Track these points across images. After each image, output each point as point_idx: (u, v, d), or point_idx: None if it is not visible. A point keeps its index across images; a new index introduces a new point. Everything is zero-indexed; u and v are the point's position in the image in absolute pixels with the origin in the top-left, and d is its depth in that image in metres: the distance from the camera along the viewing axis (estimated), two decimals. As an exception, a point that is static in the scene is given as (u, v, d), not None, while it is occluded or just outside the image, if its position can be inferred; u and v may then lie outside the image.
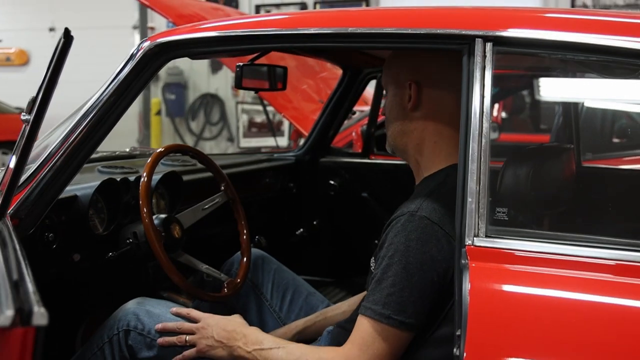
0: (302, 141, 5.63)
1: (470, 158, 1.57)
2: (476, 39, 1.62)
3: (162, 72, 11.10)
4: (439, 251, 1.69)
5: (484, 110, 1.59)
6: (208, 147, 11.76)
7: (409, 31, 1.69)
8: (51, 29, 13.04)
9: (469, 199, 1.55)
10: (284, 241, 3.43)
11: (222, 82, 12.02)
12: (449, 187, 1.76)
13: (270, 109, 11.30)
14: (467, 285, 1.46)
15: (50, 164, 1.88)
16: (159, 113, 12.23)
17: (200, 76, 12.26)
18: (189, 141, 11.84)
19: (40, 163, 1.88)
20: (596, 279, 1.48)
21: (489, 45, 1.62)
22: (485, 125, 1.58)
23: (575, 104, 2.99)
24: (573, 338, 1.43)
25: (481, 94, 1.60)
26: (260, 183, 3.33)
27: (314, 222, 3.58)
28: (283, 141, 10.69)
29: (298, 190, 3.56)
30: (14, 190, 1.68)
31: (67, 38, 1.56)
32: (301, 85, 4.75)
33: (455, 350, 1.45)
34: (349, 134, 4.65)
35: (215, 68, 11.99)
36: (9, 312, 0.97)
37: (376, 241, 3.38)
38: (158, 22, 11.63)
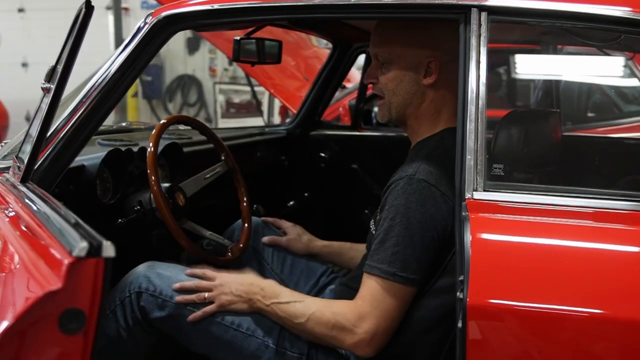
0: (288, 117, 5.74)
1: (468, 119, 1.70)
2: (472, 8, 1.74)
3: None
4: (437, 210, 1.81)
5: (480, 74, 1.72)
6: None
7: (408, 1, 1.81)
8: (20, 10, 12.90)
9: (468, 157, 1.68)
10: (276, 213, 3.54)
11: (199, 63, 12.03)
12: (443, 150, 1.89)
13: (246, 89, 11.40)
14: (468, 235, 1.58)
15: (61, 134, 1.96)
16: (135, 95, 12.20)
17: (177, 57, 12.24)
18: (148, 122, 11.80)
19: (51, 133, 1.95)
20: (584, 226, 1.62)
21: (484, 15, 1.73)
22: (482, 89, 1.71)
23: (554, 80, 3.12)
24: (565, 280, 1.56)
25: (477, 60, 1.73)
26: (252, 156, 3.41)
27: (305, 194, 3.68)
28: (261, 122, 10.76)
29: (290, 163, 3.66)
30: (37, 157, 1.78)
31: (88, 8, 1.65)
32: (286, 64, 4.84)
33: (459, 294, 1.57)
34: (337, 109, 4.76)
35: (192, 49, 12.00)
36: (84, 244, 1.10)
37: (366, 210, 3.52)
38: (132, 2, 11.62)
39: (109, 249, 1.13)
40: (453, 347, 1.76)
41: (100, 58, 2.00)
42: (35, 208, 1.53)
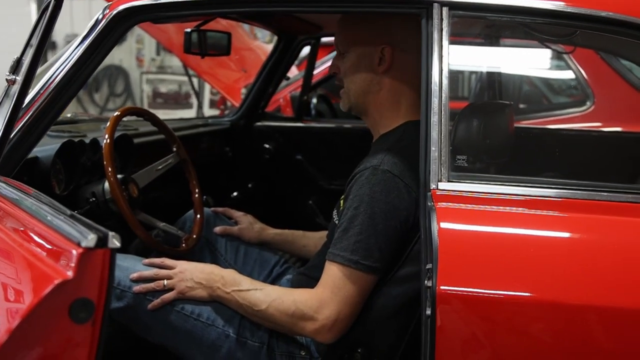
0: (226, 109, 5.73)
1: (432, 111, 1.75)
2: (434, 3, 1.79)
3: (62, 43, 10.83)
4: (401, 201, 1.85)
5: (442, 68, 1.77)
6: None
7: (372, -4, 1.85)
8: None
9: (432, 148, 1.73)
10: (220, 204, 3.54)
11: (126, 53, 11.86)
12: (406, 142, 1.94)
13: (174, 78, 11.29)
14: (435, 225, 1.63)
15: (19, 126, 1.93)
16: (61, 85, 11.92)
17: (103, 47, 12.00)
18: (93, 113, 11.64)
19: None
20: (544, 215, 1.69)
21: (445, 10, 1.79)
22: (445, 82, 1.76)
23: (497, 72, 3.21)
24: (529, 267, 1.62)
25: (440, 54, 1.78)
26: (197, 147, 3.41)
27: (249, 185, 3.70)
28: (191, 113, 10.67)
29: (234, 154, 3.67)
30: (4, 150, 1.76)
31: (57, 1, 1.64)
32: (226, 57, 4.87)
33: (426, 282, 1.61)
34: (277, 100, 4.77)
35: (118, 39, 11.81)
36: (92, 236, 1.11)
37: (310, 201, 3.56)
38: (57, -9, 11.34)
39: (115, 240, 1.14)
40: (415, 335, 1.82)
41: (22, 48, 1.97)
42: (18, 200, 1.52)
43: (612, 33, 1.78)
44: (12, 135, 1.92)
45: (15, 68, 1.77)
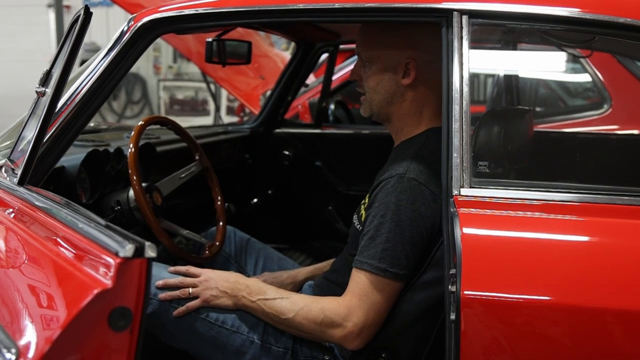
0: (245, 115, 5.76)
1: (453, 118, 1.77)
2: (453, 12, 1.81)
3: (81, 52, 10.89)
4: (427, 209, 1.88)
5: (463, 75, 1.79)
6: (130, 127, 11.66)
7: (391, 5, 1.87)
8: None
9: (454, 155, 1.75)
10: (240, 211, 3.58)
11: (143, 61, 11.95)
12: (430, 149, 1.96)
13: (191, 85, 11.35)
14: (458, 231, 1.65)
15: (46, 137, 1.96)
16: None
17: (121, 55, 12.09)
18: (111, 120, 11.73)
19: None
20: (565, 220, 1.70)
21: (465, 18, 1.81)
22: (465, 89, 1.78)
23: (514, 76, 3.22)
24: (552, 272, 1.63)
25: (460, 62, 1.80)
26: (217, 154, 3.44)
27: (269, 192, 3.73)
28: (208, 119, 10.73)
29: (254, 161, 3.71)
30: (34, 161, 1.79)
31: (87, 14, 1.67)
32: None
33: (450, 287, 1.63)
34: (295, 107, 4.80)
35: (135, 47, 11.89)
36: (130, 246, 1.15)
37: (330, 207, 3.58)
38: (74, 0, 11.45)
39: (151, 250, 1.18)
40: (438, 340, 1.84)
41: (41, 55, 2.00)
42: (51, 210, 1.55)
43: (630, 39, 1.80)
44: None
45: (44, 80, 1.80)
